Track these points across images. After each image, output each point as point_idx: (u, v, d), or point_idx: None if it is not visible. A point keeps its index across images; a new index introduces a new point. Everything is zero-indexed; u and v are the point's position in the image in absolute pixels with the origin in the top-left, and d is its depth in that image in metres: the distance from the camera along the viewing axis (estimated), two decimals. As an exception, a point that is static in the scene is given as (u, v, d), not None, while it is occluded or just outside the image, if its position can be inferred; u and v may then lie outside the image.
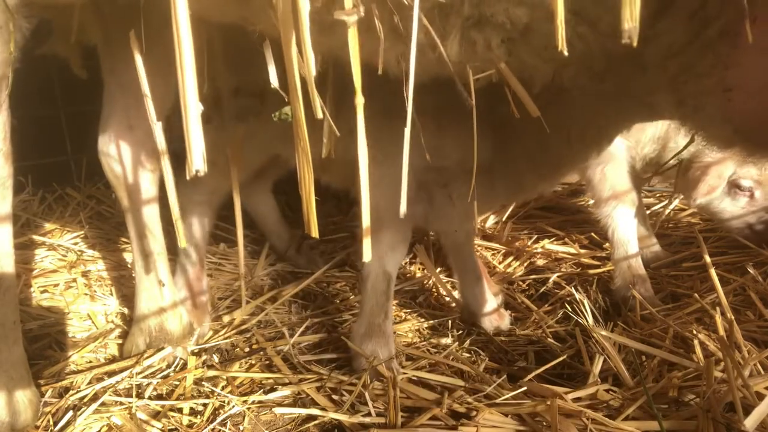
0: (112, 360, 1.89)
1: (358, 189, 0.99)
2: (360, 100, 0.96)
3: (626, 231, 2.27)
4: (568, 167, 1.85)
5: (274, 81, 1.14)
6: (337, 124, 1.11)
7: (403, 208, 1.04)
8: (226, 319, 2.16)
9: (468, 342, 1.97)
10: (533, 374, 1.67)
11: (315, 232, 0.97)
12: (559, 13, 0.83)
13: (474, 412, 1.44)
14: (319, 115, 0.92)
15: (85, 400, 1.62)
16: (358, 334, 1.81)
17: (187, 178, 0.94)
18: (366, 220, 1.00)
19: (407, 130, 1.00)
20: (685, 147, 2.13)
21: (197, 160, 0.92)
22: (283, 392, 1.65)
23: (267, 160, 2.33)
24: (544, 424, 1.40)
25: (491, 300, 2.11)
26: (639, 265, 2.25)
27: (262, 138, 2.10)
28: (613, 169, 2.26)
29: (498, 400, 1.50)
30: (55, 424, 1.52)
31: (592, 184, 2.31)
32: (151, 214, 1.87)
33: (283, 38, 0.91)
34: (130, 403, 1.61)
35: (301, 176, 0.98)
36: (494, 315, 2.08)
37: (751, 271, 2.03)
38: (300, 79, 0.93)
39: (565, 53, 0.85)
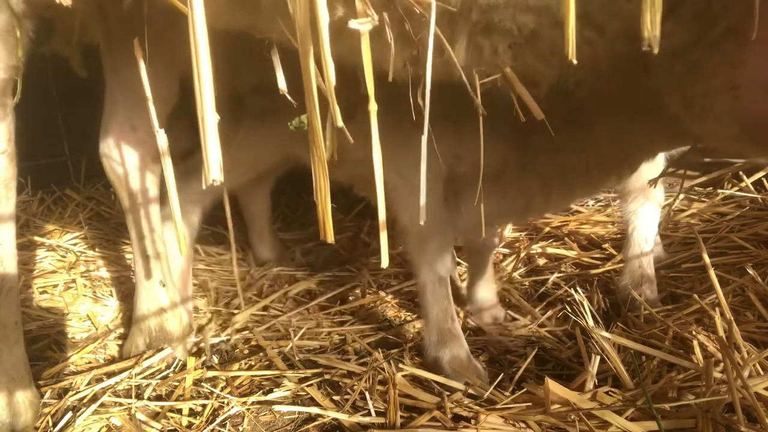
0: (112, 361, 1.89)
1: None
2: (373, 107, 0.96)
3: (647, 229, 2.25)
4: (579, 194, 1.86)
5: (282, 86, 1.15)
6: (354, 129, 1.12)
7: (423, 216, 1.06)
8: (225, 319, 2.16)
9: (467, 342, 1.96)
10: (533, 375, 1.67)
11: (330, 238, 0.98)
12: (570, 21, 0.83)
13: (474, 415, 1.45)
14: (339, 124, 0.93)
15: (85, 401, 1.62)
16: (432, 343, 1.82)
17: (203, 186, 0.94)
18: (383, 223, 1.01)
19: (424, 138, 1.01)
20: (693, 148, 2.11)
21: (215, 170, 0.92)
22: (283, 393, 1.65)
23: (281, 160, 2.32)
24: (545, 425, 1.40)
25: (494, 298, 2.24)
26: (649, 264, 2.24)
27: (279, 138, 2.11)
28: (649, 167, 2.21)
29: (498, 405, 1.50)
30: (54, 425, 1.52)
31: None
32: (152, 215, 1.87)
33: (301, 48, 0.92)
34: (129, 403, 1.60)
35: (317, 183, 0.99)
36: (494, 310, 2.20)
37: (750, 271, 2.03)
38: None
39: (575, 62, 0.85)
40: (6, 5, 1.15)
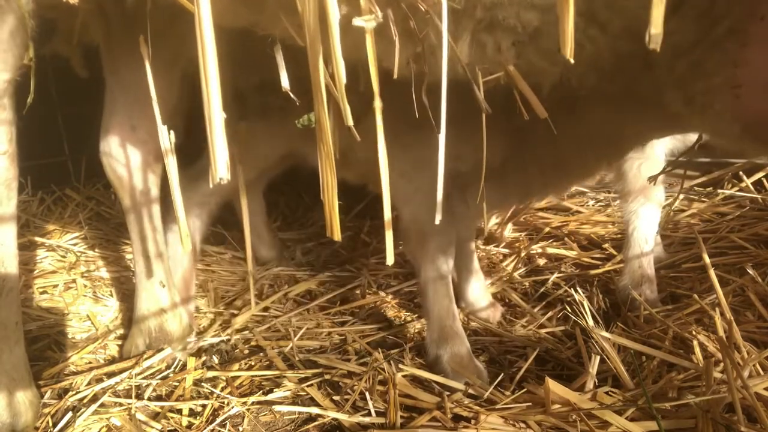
0: (112, 361, 1.89)
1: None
2: (378, 104, 0.96)
3: (647, 230, 2.26)
4: (576, 179, 1.87)
5: (285, 84, 1.15)
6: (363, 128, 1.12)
7: (439, 215, 1.06)
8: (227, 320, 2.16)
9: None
10: (533, 375, 1.67)
11: (337, 236, 0.99)
12: (569, 20, 0.83)
13: (474, 415, 1.45)
14: (350, 122, 0.93)
15: (85, 401, 1.62)
16: (433, 340, 1.82)
17: (210, 185, 0.94)
18: (388, 222, 1.02)
19: (441, 137, 1.02)
20: (695, 144, 2.12)
21: (221, 168, 0.92)
22: (283, 393, 1.65)
23: (281, 159, 2.32)
24: (546, 425, 1.40)
25: (488, 295, 2.23)
26: (649, 264, 2.24)
27: (282, 136, 2.11)
28: (648, 167, 2.22)
29: (498, 405, 1.50)
30: (54, 425, 1.52)
31: (626, 177, 2.27)
32: (152, 215, 1.87)
33: (309, 46, 0.92)
34: (129, 404, 1.61)
35: (324, 181, 0.99)
36: (490, 309, 2.19)
37: (750, 271, 2.03)
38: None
39: (572, 61, 0.85)
40: (15, 5, 1.15)
